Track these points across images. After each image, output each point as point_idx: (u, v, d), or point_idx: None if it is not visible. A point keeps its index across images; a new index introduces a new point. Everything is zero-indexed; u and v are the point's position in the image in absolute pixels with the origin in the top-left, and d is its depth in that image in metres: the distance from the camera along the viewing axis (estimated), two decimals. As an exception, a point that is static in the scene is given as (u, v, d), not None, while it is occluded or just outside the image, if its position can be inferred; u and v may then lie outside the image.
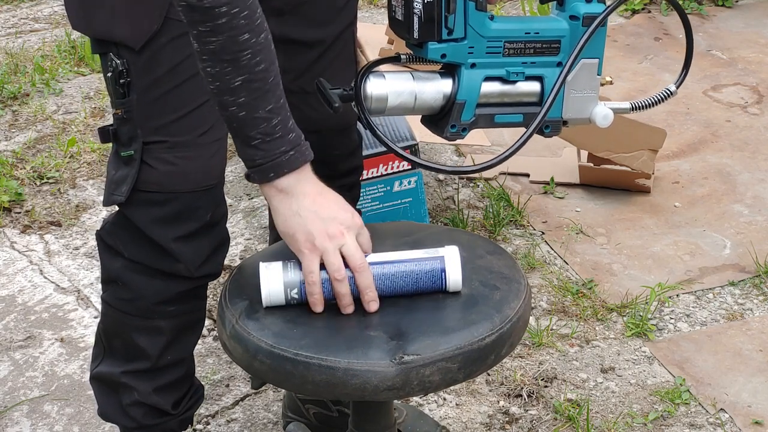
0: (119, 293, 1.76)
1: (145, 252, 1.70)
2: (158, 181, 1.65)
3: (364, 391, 1.41)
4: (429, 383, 1.43)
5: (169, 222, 1.67)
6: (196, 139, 1.64)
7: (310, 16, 1.79)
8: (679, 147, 3.16)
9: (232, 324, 1.50)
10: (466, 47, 1.54)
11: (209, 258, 1.73)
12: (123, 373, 1.81)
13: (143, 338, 1.77)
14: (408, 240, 1.64)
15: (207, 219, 1.69)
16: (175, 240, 1.68)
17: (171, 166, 1.64)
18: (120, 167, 1.66)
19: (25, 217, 2.93)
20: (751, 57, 3.70)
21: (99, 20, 1.62)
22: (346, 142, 1.94)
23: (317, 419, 2.08)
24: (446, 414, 2.22)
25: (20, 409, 2.28)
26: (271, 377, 1.48)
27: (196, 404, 1.91)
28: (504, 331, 1.48)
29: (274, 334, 1.45)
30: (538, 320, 2.47)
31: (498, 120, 1.58)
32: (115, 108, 1.63)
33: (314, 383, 1.42)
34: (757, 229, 2.79)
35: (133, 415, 1.83)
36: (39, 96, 3.57)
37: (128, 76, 1.60)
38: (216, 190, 1.70)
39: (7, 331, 2.51)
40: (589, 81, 1.58)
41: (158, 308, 1.74)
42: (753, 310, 2.51)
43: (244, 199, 2.98)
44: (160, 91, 1.61)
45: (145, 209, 1.67)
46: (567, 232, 2.79)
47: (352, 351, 1.41)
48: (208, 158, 1.66)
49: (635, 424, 2.19)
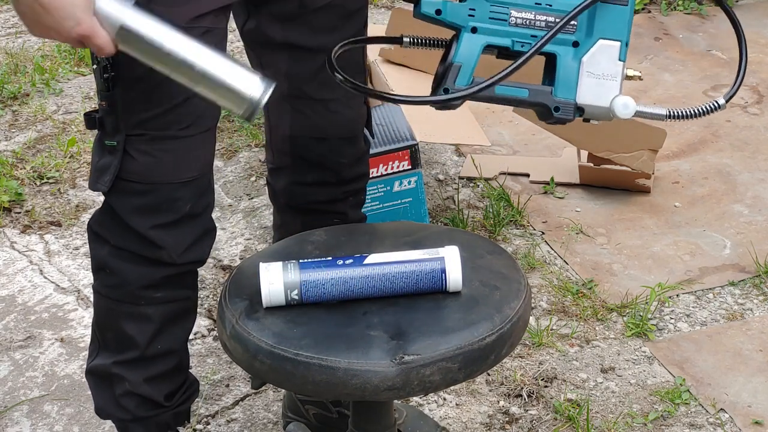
0: (107, 280, 1.79)
1: (129, 239, 1.74)
2: (139, 172, 1.68)
3: (365, 391, 1.41)
4: (429, 383, 1.43)
5: (148, 211, 1.71)
6: (177, 133, 1.66)
7: (317, 23, 1.79)
8: (679, 147, 3.16)
9: (232, 324, 1.50)
10: (466, 8, 1.45)
11: (192, 246, 1.76)
12: (114, 364, 1.84)
13: (131, 326, 1.80)
14: (408, 240, 1.64)
15: (186, 210, 1.72)
16: (153, 228, 1.72)
17: (151, 158, 1.67)
18: (104, 155, 1.70)
19: (25, 217, 2.93)
20: (751, 57, 3.70)
21: None
22: (353, 151, 1.94)
23: (317, 420, 2.08)
24: (446, 414, 2.22)
25: (20, 409, 2.28)
26: (271, 377, 1.49)
27: (191, 398, 1.92)
28: (504, 331, 1.48)
29: (274, 334, 1.46)
30: (538, 320, 2.47)
31: (499, 92, 1.46)
32: (101, 100, 1.66)
33: (314, 383, 1.43)
34: (757, 229, 2.79)
35: (127, 406, 1.85)
36: (39, 96, 3.57)
37: (113, 70, 1.63)
38: (198, 182, 1.72)
39: (7, 331, 2.51)
40: (609, 65, 1.46)
41: (144, 293, 1.77)
42: (753, 310, 2.51)
43: (244, 199, 2.98)
44: (144, 86, 1.63)
45: (126, 198, 1.71)
46: (567, 232, 2.79)
47: (352, 351, 1.42)
48: (189, 152, 1.69)
49: (635, 424, 2.19)
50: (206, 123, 1.71)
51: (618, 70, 1.47)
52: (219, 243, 2.78)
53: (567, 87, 1.46)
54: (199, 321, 2.50)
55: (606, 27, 1.45)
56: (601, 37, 1.46)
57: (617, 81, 1.47)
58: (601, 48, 1.46)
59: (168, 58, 1.43)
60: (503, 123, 3.24)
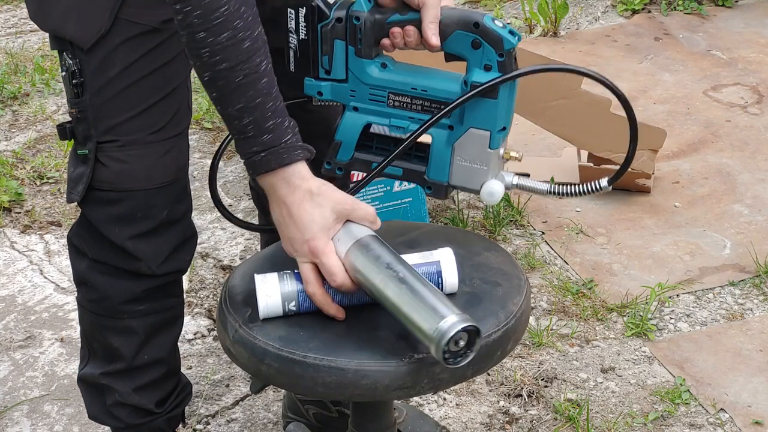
0: (88, 294, 1.77)
1: (107, 251, 1.71)
2: (111, 180, 1.65)
3: (375, 391, 1.41)
4: (439, 381, 1.43)
5: (123, 221, 1.68)
6: (147, 137, 1.64)
7: None
8: (679, 147, 3.16)
9: (236, 329, 1.48)
10: (347, 89, 1.52)
11: (171, 255, 1.73)
12: (102, 375, 1.83)
13: (116, 338, 1.78)
14: (403, 240, 1.63)
15: (163, 217, 1.69)
16: (130, 238, 1.69)
17: (123, 164, 1.65)
18: (78, 165, 1.67)
19: (25, 217, 2.93)
20: (751, 57, 3.70)
21: (52, 17, 1.61)
22: None
23: (317, 419, 2.08)
24: (446, 414, 2.22)
25: (20, 409, 2.28)
26: (279, 381, 1.47)
27: (184, 402, 1.92)
28: (509, 326, 1.49)
29: (280, 337, 1.44)
30: (538, 320, 2.47)
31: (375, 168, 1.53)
32: (71, 107, 1.64)
33: (324, 385, 1.42)
34: (757, 229, 2.79)
35: (119, 416, 1.85)
36: (39, 96, 3.57)
37: (81, 76, 1.61)
38: (173, 187, 1.69)
39: (7, 331, 2.51)
40: (478, 153, 1.50)
41: (126, 307, 1.75)
42: (753, 310, 2.51)
43: (244, 199, 2.98)
44: (113, 91, 1.60)
45: (100, 208, 1.68)
46: (567, 232, 2.79)
47: (361, 352, 1.41)
48: (161, 156, 1.66)
49: (635, 424, 2.19)
50: (178, 126, 1.68)
51: (488, 157, 1.50)
52: (219, 243, 2.78)
53: (440, 169, 1.51)
54: (199, 321, 2.50)
55: (476, 117, 1.49)
56: (472, 126, 1.49)
57: (487, 168, 1.50)
58: (471, 136, 1.50)
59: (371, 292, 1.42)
60: (503, 123, 3.23)
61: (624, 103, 1.52)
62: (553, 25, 3.90)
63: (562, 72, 1.53)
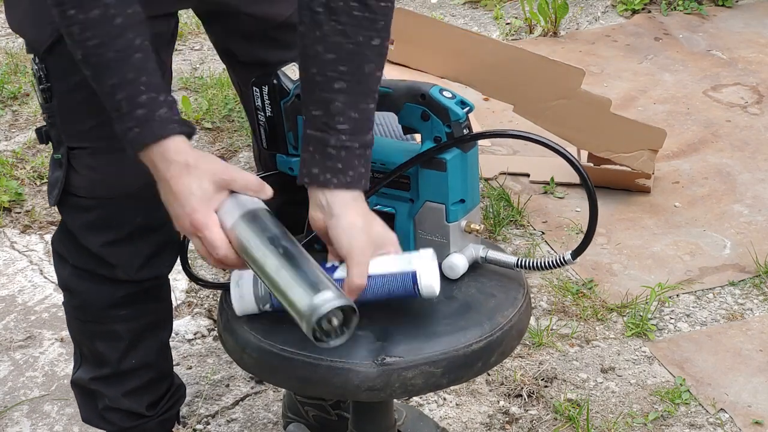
0: (72, 301, 1.78)
1: (85, 257, 1.70)
2: (84, 187, 1.64)
3: (345, 390, 1.41)
4: (411, 386, 1.42)
5: (97, 228, 1.67)
6: (116, 144, 1.53)
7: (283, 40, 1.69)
8: (679, 147, 3.16)
9: (227, 317, 1.51)
10: None
11: (150, 261, 1.71)
12: (92, 380, 1.83)
13: (102, 344, 1.78)
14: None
15: (138, 223, 1.67)
16: (102, 245, 1.68)
17: (93, 172, 1.63)
18: (55, 169, 1.66)
19: (25, 217, 2.93)
20: (751, 57, 3.70)
21: (16, 18, 1.60)
22: None
23: (316, 421, 2.08)
24: (446, 414, 2.22)
25: (20, 409, 2.28)
26: (257, 371, 1.51)
27: (177, 404, 1.91)
28: (493, 339, 1.46)
29: (264, 328, 1.46)
30: (538, 320, 2.48)
31: None
32: (42, 112, 1.62)
33: (297, 379, 1.43)
34: (757, 229, 2.79)
35: (110, 419, 1.85)
36: (39, 96, 3.57)
37: (48, 81, 1.59)
38: (145, 193, 1.58)
39: (7, 331, 2.51)
40: (436, 226, 1.49)
41: (109, 313, 1.75)
42: (753, 310, 2.51)
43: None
44: (79, 96, 1.57)
45: (76, 214, 1.68)
46: (567, 232, 2.79)
47: (336, 349, 1.40)
48: (132, 164, 1.55)
49: (635, 424, 2.19)
50: None
51: (446, 231, 1.50)
52: (219, 243, 2.78)
53: (404, 241, 1.49)
54: (199, 321, 2.50)
55: (429, 190, 1.48)
56: (427, 200, 1.49)
57: (446, 241, 1.50)
58: (427, 209, 1.50)
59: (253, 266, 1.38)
60: (503, 123, 3.23)
61: (578, 171, 1.56)
62: (553, 25, 3.90)
63: (508, 138, 1.49)
